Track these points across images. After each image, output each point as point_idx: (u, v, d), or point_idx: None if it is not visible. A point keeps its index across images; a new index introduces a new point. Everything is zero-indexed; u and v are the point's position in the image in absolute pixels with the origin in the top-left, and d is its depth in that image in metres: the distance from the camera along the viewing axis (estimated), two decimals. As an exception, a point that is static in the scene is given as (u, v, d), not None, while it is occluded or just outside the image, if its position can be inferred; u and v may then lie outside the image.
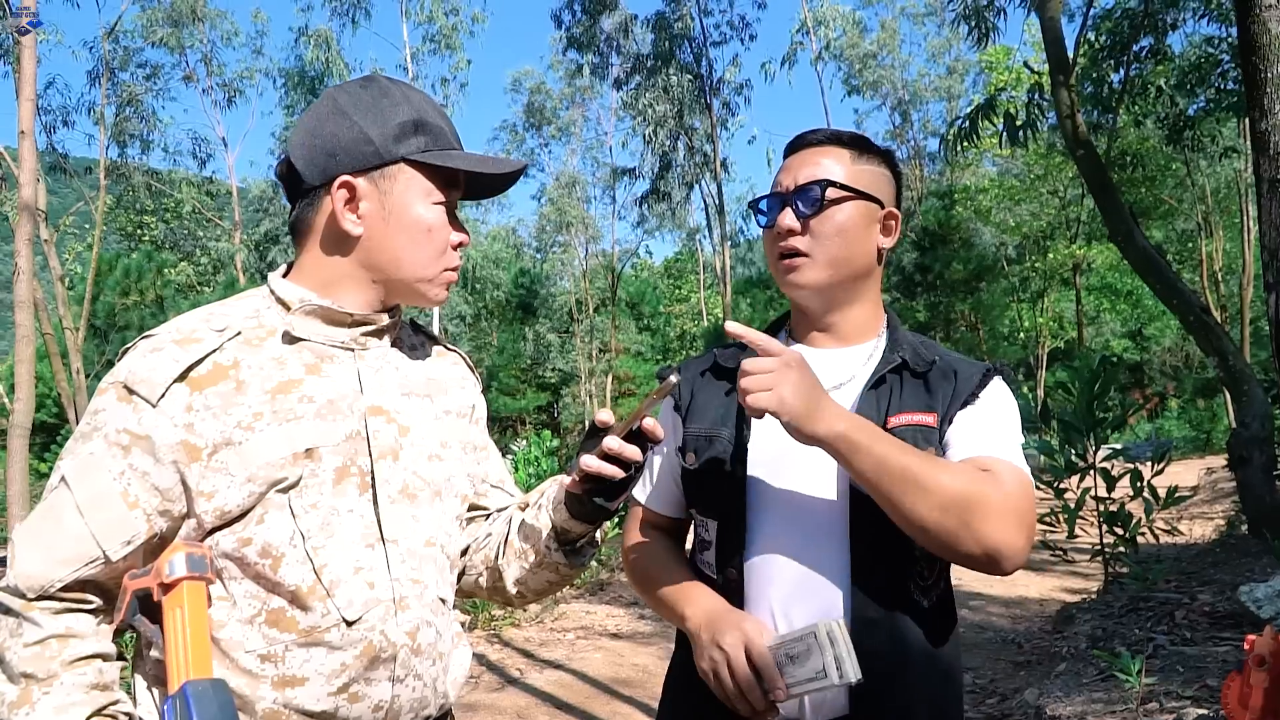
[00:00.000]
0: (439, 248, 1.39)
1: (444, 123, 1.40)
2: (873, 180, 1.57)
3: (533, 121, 35.28)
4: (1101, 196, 8.81)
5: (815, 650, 1.31)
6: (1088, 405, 6.99)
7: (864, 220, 1.54)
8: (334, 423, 1.32)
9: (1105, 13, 10.68)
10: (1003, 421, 1.50)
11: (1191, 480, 14.54)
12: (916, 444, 1.43)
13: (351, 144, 1.34)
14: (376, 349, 1.43)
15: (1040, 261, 28.78)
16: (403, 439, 1.39)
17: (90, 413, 1.28)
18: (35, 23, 10.17)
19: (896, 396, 1.50)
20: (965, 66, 34.52)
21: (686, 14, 25.21)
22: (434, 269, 1.39)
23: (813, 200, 1.52)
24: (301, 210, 1.39)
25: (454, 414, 1.52)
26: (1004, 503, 1.33)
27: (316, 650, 1.27)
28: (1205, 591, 6.14)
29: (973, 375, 1.53)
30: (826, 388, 1.53)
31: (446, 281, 1.42)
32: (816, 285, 1.54)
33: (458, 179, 1.41)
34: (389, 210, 1.35)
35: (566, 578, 1.52)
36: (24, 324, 8.37)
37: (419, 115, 1.37)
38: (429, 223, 1.37)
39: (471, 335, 37.84)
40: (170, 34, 24.77)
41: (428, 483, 1.41)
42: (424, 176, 1.36)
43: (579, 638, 7.08)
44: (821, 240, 1.52)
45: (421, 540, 1.39)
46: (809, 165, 1.55)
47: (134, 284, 28.91)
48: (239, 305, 1.38)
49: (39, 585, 1.22)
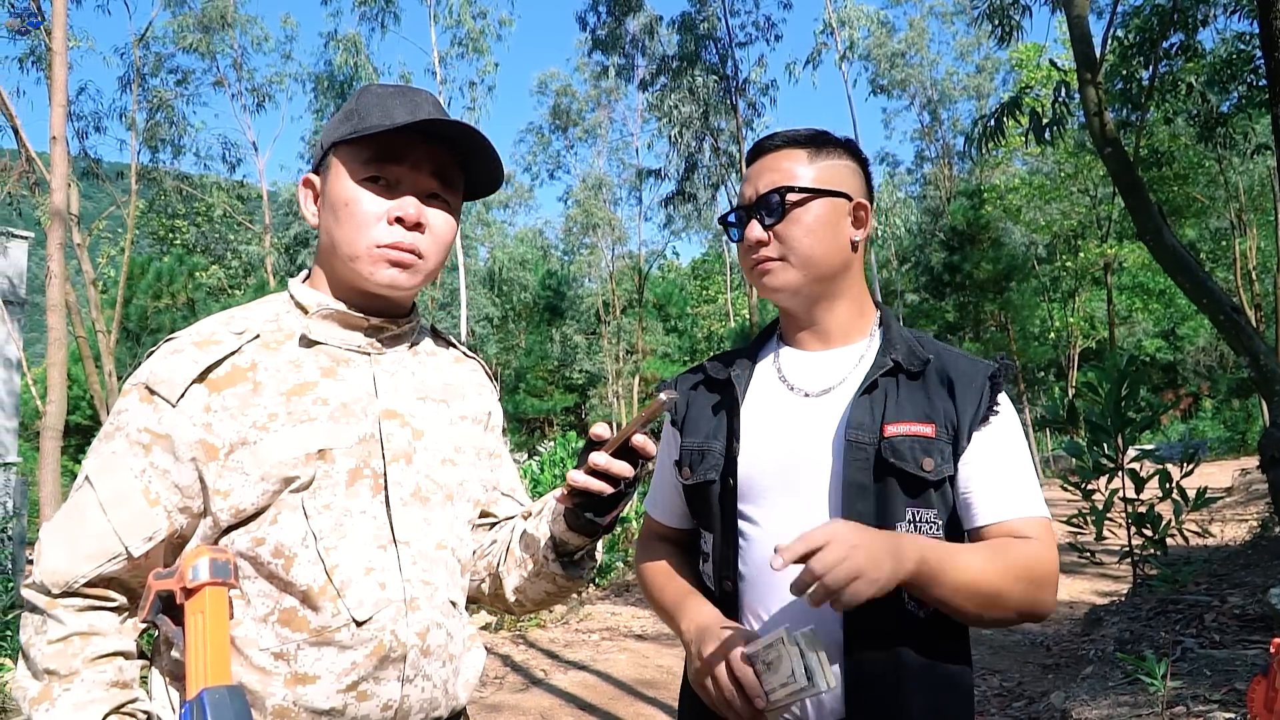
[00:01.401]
0: (361, 221, 1.35)
1: (385, 106, 1.38)
2: (834, 175, 1.55)
3: (558, 123, 35.38)
4: (1130, 194, 8.71)
5: (785, 657, 1.30)
6: (1116, 406, 6.92)
7: (830, 217, 1.53)
8: (347, 425, 1.34)
9: (1134, 9, 10.57)
10: (1021, 452, 1.50)
11: (1225, 481, 14.36)
12: (915, 456, 1.43)
13: (317, 148, 1.44)
14: (393, 353, 1.45)
15: (1071, 261, 28.50)
16: (416, 442, 1.41)
17: (114, 413, 1.32)
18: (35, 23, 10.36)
19: (892, 402, 1.48)
20: (995, 65, 34.32)
21: (712, 15, 25.15)
22: (360, 245, 1.35)
23: (774, 208, 1.52)
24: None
25: (470, 420, 1.53)
26: (1051, 578, 1.42)
27: (327, 649, 1.29)
28: (1235, 594, 6.06)
29: (977, 380, 1.50)
30: (816, 391, 1.54)
31: (383, 259, 1.36)
32: (791, 287, 1.54)
33: (398, 151, 1.36)
34: (324, 196, 1.40)
35: (564, 589, 1.52)
36: (56, 327, 8.49)
37: (356, 106, 1.40)
38: (347, 197, 1.36)
39: (499, 337, 38.01)
40: (201, 39, 25.04)
41: (440, 486, 1.43)
42: (348, 157, 1.37)
43: (604, 639, 7.10)
44: (790, 244, 1.52)
45: (433, 543, 1.40)
46: (768, 172, 1.55)
47: (165, 287, 29.28)
48: (260, 309, 1.42)
49: (64, 581, 1.26)
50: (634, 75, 28.49)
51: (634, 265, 35.68)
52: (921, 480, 1.44)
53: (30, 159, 15.00)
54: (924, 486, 1.45)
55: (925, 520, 1.45)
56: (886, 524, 1.43)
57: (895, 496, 1.44)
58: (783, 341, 1.65)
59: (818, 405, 1.52)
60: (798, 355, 1.60)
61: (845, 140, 1.60)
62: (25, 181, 15.06)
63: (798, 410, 1.53)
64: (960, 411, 1.47)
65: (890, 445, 1.43)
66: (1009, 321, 30.80)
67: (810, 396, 1.54)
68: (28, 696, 1.24)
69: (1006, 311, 30.52)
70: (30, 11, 10.61)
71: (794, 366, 1.59)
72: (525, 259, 39.34)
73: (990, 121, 9.71)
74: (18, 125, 15.00)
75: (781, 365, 1.60)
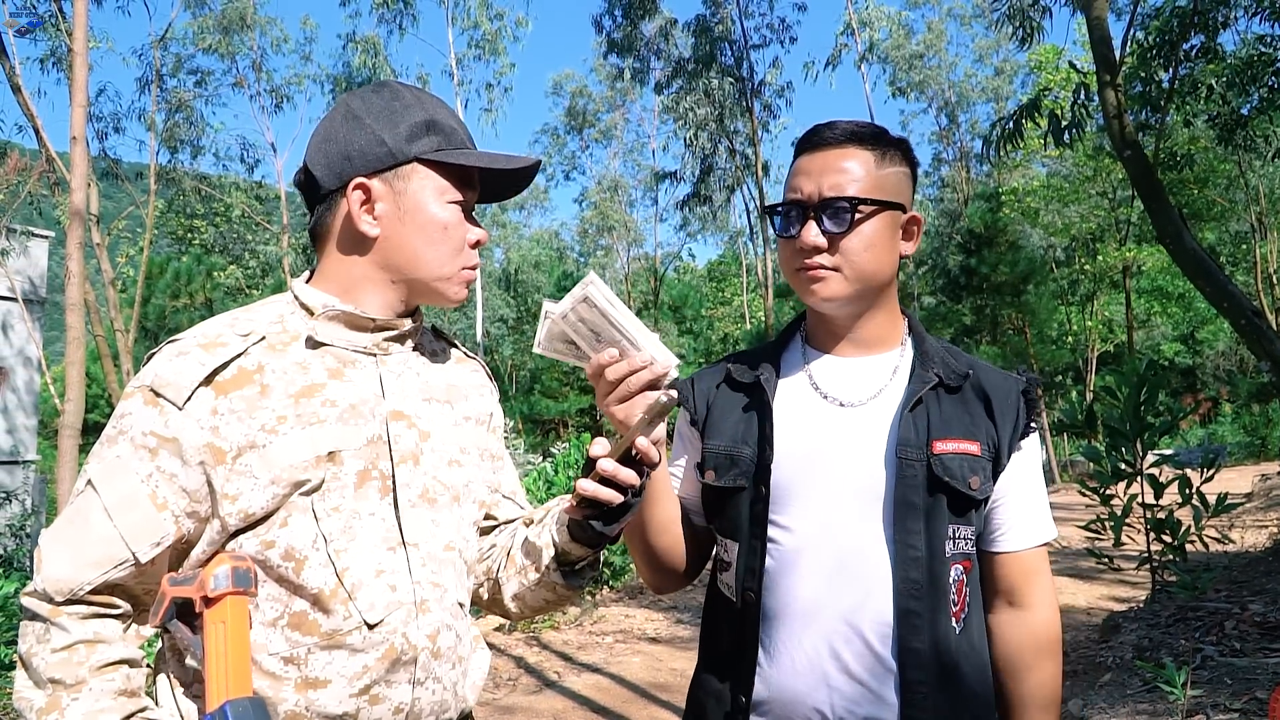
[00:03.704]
0: (456, 245, 1.40)
1: (457, 124, 1.41)
2: (897, 185, 1.49)
3: (574, 125, 35.42)
4: (1149, 198, 8.65)
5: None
6: (1134, 410, 6.86)
7: (889, 231, 1.48)
8: (356, 427, 1.33)
9: (1154, 11, 10.49)
10: (1039, 471, 1.53)
11: (1245, 487, 14.21)
12: (964, 474, 1.42)
13: (365, 146, 1.36)
14: (398, 354, 1.44)
15: (1089, 264, 28.34)
16: (423, 444, 1.40)
17: (116, 416, 1.29)
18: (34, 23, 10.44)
19: (937, 418, 1.46)
20: (1013, 67, 34.13)
21: (727, 17, 25.14)
22: (452, 267, 1.40)
23: (842, 218, 1.43)
24: (319, 215, 1.42)
25: (473, 420, 1.52)
26: (1058, 640, 1.55)
27: (339, 653, 1.28)
28: (1256, 601, 5.99)
29: (1012, 397, 1.49)
30: (852, 401, 1.50)
31: (465, 280, 1.43)
32: (840, 298, 1.48)
33: (472, 178, 1.42)
34: (404, 209, 1.36)
35: (564, 598, 1.51)
36: (75, 326, 8.54)
37: (431, 116, 1.38)
38: (444, 220, 1.38)
39: (514, 338, 38.07)
40: (221, 41, 25.14)
41: (447, 488, 1.42)
42: (438, 175, 1.37)
43: (617, 641, 7.08)
44: (849, 257, 1.45)
45: (441, 544, 1.40)
46: (832, 172, 1.45)
47: (184, 287, 29.46)
48: (264, 310, 1.40)
49: (68, 589, 1.22)
50: (649, 78, 28.48)
51: (649, 267, 35.71)
52: (969, 498, 1.43)
53: (51, 159, 15.14)
54: (969, 505, 1.44)
55: (962, 538, 1.45)
56: (934, 541, 1.42)
57: (942, 514, 1.43)
58: (809, 345, 1.60)
59: (856, 416, 1.49)
60: (830, 362, 1.56)
61: (901, 140, 1.53)
62: (46, 181, 15.20)
63: (834, 420, 1.50)
64: (1000, 430, 1.46)
65: (941, 463, 1.42)
66: (1026, 325, 30.63)
67: (845, 406, 1.51)
68: (34, 708, 1.21)
69: (1024, 315, 30.34)
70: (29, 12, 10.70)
71: (826, 374, 1.55)
72: (541, 260, 39.40)
73: (1009, 124, 9.65)
74: (39, 125, 15.13)
75: (813, 372, 1.56)
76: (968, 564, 1.47)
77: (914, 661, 1.40)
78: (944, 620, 1.42)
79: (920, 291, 33.08)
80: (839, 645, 1.42)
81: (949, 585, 1.43)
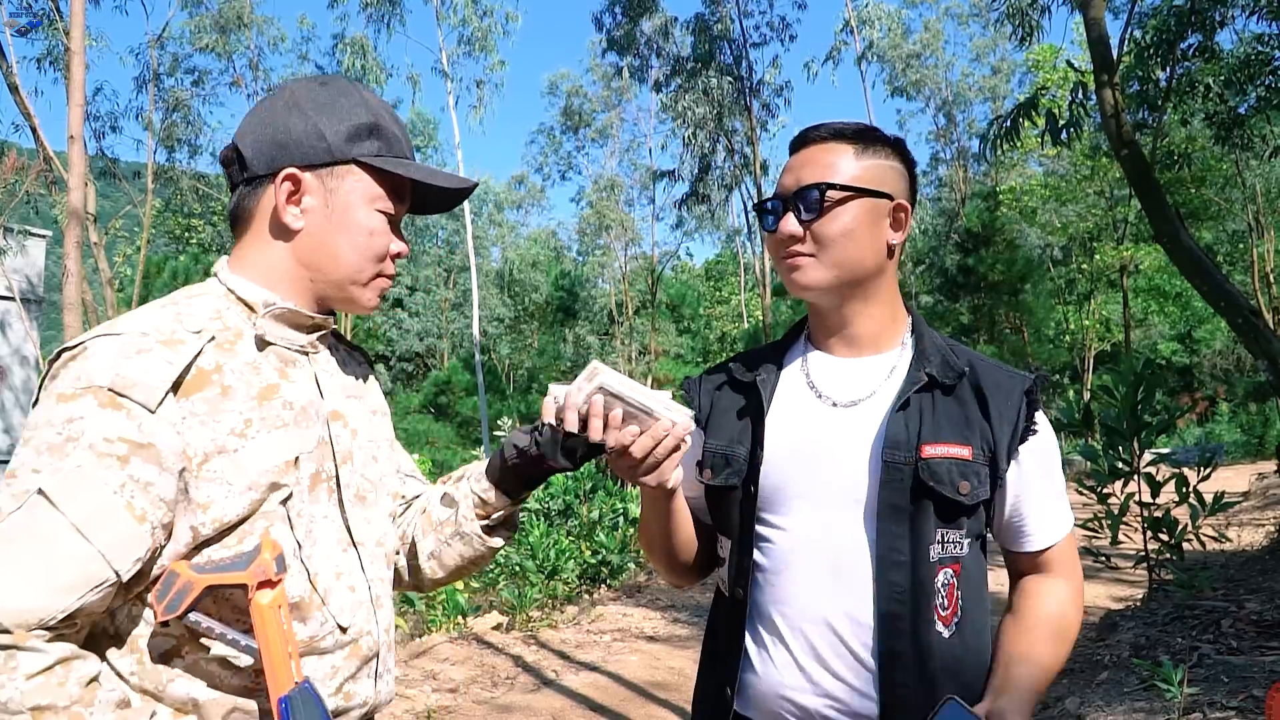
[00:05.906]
0: (377, 253, 1.37)
1: (400, 131, 1.39)
2: (879, 174, 1.49)
3: (570, 124, 35.38)
4: (1146, 197, 8.65)
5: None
6: (1131, 409, 6.87)
7: (870, 218, 1.48)
8: (307, 429, 1.32)
9: (1152, 10, 10.50)
10: (1058, 467, 1.54)
11: (1242, 485, 14.24)
12: (952, 479, 1.41)
13: (303, 138, 1.32)
14: (325, 352, 1.44)
15: (1086, 263, 28.39)
16: (353, 442, 1.41)
17: (59, 421, 1.14)
18: (34, 23, 10.43)
19: (929, 420, 1.45)
20: (1010, 67, 34.18)
21: (726, 16, 25.13)
22: (368, 273, 1.38)
23: (813, 203, 1.46)
24: (242, 198, 1.36)
25: (379, 413, 1.54)
26: (1076, 624, 1.53)
27: (311, 658, 1.29)
28: (1253, 600, 6.01)
29: (1013, 397, 1.48)
30: (845, 401, 1.51)
31: (380, 288, 1.41)
32: (820, 285, 1.49)
33: (405, 190, 1.40)
34: (332, 208, 1.34)
35: (479, 555, 1.52)
36: (72, 325, 8.54)
37: (375, 120, 1.36)
38: (370, 226, 1.36)
39: (511, 337, 38.07)
40: (217, 40, 25.09)
41: (373, 484, 1.44)
42: (373, 181, 1.35)
43: (615, 640, 7.08)
44: (824, 243, 1.46)
45: (374, 540, 1.42)
46: (811, 164, 1.49)
47: (181, 286, 29.37)
48: (197, 304, 1.32)
49: (36, 619, 1.08)
50: (648, 76, 28.47)
51: (647, 266, 35.65)
52: (957, 504, 1.42)
53: (48, 158, 15.11)
54: (959, 511, 1.43)
55: (952, 541, 1.45)
56: (919, 545, 1.42)
57: (929, 519, 1.42)
58: (811, 344, 1.61)
59: (847, 417, 1.49)
60: (827, 361, 1.56)
61: (894, 139, 1.54)
62: (43, 180, 15.17)
63: (826, 420, 1.50)
64: (996, 432, 1.45)
65: (928, 467, 1.41)
66: (1023, 324, 30.67)
67: (839, 406, 1.51)
68: None
69: (1021, 314, 30.40)
70: (27, 11, 10.67)
71: (823, 373, 1.55)
72: (538, 260, 39.37)
73: (1006, 123, 9.65)
74: (36, 124, 15.11)
75: (810, 371, 1.57)
76: (958, 567, 1.46)
77: (896, 664, 1.40)
78: (929, 623, 1.42)
79: (918, 290, 33.11)
80: (823, 645, 1.43)
81: (935, 589, 1.42)
